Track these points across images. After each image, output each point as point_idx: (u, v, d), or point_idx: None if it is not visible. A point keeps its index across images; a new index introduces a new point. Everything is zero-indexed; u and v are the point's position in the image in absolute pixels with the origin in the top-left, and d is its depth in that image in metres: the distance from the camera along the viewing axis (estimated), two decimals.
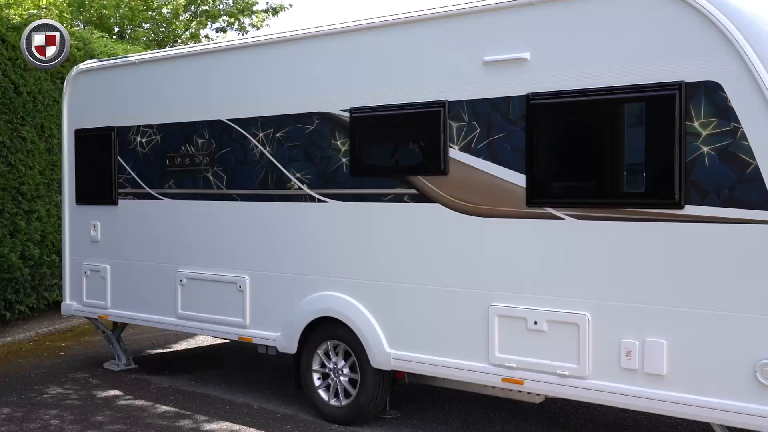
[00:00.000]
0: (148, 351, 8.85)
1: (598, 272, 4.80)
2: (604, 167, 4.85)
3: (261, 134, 6.39)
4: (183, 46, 7.35)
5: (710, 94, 4.39)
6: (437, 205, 5.43)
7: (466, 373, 5.34)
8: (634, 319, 4.67)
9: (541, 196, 5.01)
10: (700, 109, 4.43)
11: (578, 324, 4.85)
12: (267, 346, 6.47)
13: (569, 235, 4.90)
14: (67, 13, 15.89)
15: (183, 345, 9.13)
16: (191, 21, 19.19)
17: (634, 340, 4.67)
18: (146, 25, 18.69)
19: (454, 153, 5.35)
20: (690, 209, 4.47)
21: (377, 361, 5.75)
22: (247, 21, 19.57)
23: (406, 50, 5.59)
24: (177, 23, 18.89)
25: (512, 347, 5.12)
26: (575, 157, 4.96)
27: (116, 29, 18.36)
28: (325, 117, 6.00)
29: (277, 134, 6.28)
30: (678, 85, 4.47)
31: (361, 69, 5.84)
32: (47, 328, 10.01)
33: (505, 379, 5.17)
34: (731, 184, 4.35)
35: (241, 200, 6.55)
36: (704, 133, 4.42)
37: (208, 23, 19.34)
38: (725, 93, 4.34)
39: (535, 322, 5.01)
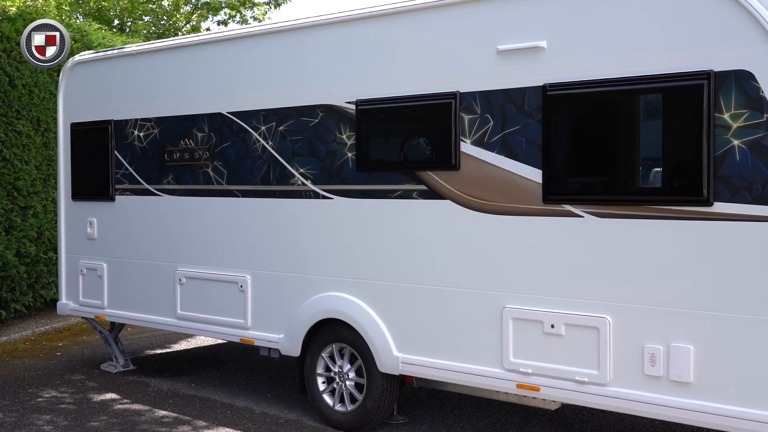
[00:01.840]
0: (147, 351, 8.60)
1: (620, 273, 4.53)
2: (626, 162, 4.58)
3: (263, 128, 6.13)
4: (182, 37, 7.09)
5: (741, 84, 4.12)
6: (448, 201, 5.17)
7: (479, 378, 5.08)
8: (659, 322, 4.40)
9: (559, 193, 4.74)
10: (731, 99, 4.15)
11: (598, 328, 4.58)
12: (269, 349, 6.23)
13: (589, 234, 4.63)
14: (66, 5, 15.62)
15: (183, 345, 8.89)
16: (192, 13, 18.90)
17: (659, 345, 4.40)
18: (146, 18, 18.41)
19: (466, 147, 5.09)
20: (719, 206, 4.20)
21: (385, 365, 5.50)
22: (248, 14, 19.28)
23: (415, 39, 5.33)
24: (178, 16, 18.61)
25: (528, 352, 4.86)
26: (595, 152, 4.68)
27: (116, 22, 18.09)
28: (329, 109, 5.74)
29: (280, 128, 6.02)
30: (706, 75, 4.20)
31: (367, 59, 5.57)
32: (44, 327, 9.77)
33: (520, 386, 4.91)
34: (764, 179, 4.08)
35: (242, 196, 6.29)
36: (735, 125, 4.15)
37: (210, 16, 19.05)
38: (757, 82, 4.07)
39: (552, 326, 4.75)
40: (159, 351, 8.64)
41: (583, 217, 4.65)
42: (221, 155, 6.41)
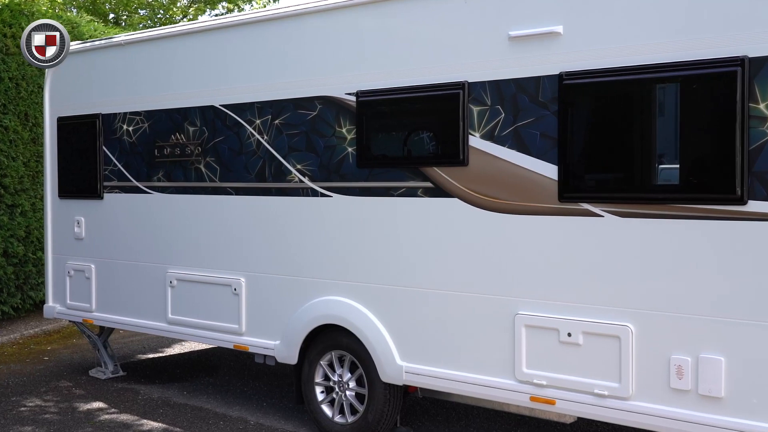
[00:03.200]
0: (139, 356, 8.25)
1: (644, 277, 4.16)
2: (650, 157, 4.20)
3: (258, 121, 5.77)
4: (172, 25, 6.73)
5: None
6: (455, 200, 4.81)
7: (489, 390, 4.73)
8: (687, 332, 4.04)
9: (576, 190, 4.38)
10: (767, 88, 3.78)
11: (620, 337, 4.22)
12: (265, 356, 5.86)
13: (609, 235, 4.27)
14: None
15: (176, 349, 8.53)
16: (189, 7, 18.52)
17: (686, 356, 4.04)
18: (142, 11, 18.03)
19: (475, 141, 4.72)
20: (754, 205, 3.83)
21: (387, 375, 5.14)
22: (247, 7, 18.90)
23: (419, 26, 4.96)
24: (174, 9, 18.23)
25: (542, 362, 4.50)
26: (616, 146, 4.30)
27: (111, 16, 17.72)
28: (328, 101, 5.37)
29: (276, 121, 5.66)
30: (740, 61, 3.83)
31: (369, 47, 5.20)
32: (33, 329, 9.42)
33: (533, 398, 4.56)
34: None
35: (236, 194, 5.93)
36: None
37: (207, 9, 18.67)
38: None
39: (569, 334, 4.39)
40: (151, 355, 8.28)
41: (602, 216, 4.29)
42: (214, 150, 6.05)
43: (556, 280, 4.46)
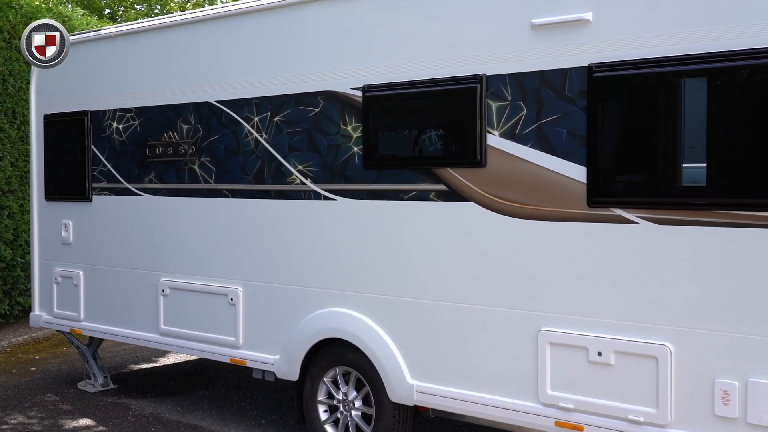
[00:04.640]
0: (131, 366, 7.83)
1: (684, 292, 3.75)
2: (692, 157, 3.78)
3: (256, 118, 5.35)
4: (164, 16, 6.33)
5: None
6: (472, 204, 4.39)
7: (509, 413, 4.31)
8: (734, 352, 3.63)
9: (607, 194, 3.96)
10: None
11: (657, 357, 3.81)
12: (264, 371, 5.45)
13: (644, 244, 3.85)
14: None
15: (171, 359, 8.11)
16: (187, 2, 18.10)
17: (733, 380, 3.63)
18: (139, 6, 17.61)
19: (494, 140, 4.31)
20: None
21: (397, 394, 4.73)
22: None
23: (432, 13, 4.54)
24: (172, 4, 17.81)
25: (569, 384, 4.09)
26: (652, 145, 3.88)
27: (107, 11, 17.30)
28: (332, 97, 4.96)
29: (275, 118, 5.24)
30: None
31: (376, 38, 4.79)
32: (22, 336, 9.01)
33: (559, 423, 4.14)
34: None
35: (232, 197, 5.52)
36: None
37: (205, 5, 18.26)
38: None
39: (600, 353, 3.98)
40: (144, 366, 7.86)
41: (637, 223, 3.87)
42: (209, 150, 5.64)
43: (584, 293, 4.04)
